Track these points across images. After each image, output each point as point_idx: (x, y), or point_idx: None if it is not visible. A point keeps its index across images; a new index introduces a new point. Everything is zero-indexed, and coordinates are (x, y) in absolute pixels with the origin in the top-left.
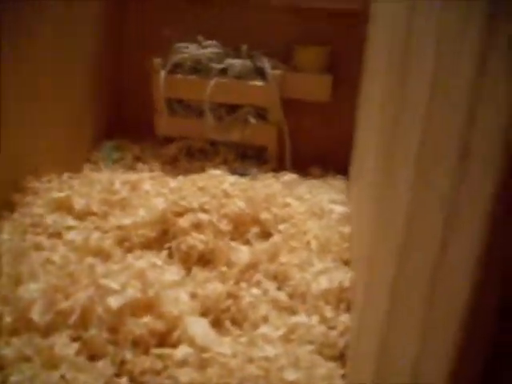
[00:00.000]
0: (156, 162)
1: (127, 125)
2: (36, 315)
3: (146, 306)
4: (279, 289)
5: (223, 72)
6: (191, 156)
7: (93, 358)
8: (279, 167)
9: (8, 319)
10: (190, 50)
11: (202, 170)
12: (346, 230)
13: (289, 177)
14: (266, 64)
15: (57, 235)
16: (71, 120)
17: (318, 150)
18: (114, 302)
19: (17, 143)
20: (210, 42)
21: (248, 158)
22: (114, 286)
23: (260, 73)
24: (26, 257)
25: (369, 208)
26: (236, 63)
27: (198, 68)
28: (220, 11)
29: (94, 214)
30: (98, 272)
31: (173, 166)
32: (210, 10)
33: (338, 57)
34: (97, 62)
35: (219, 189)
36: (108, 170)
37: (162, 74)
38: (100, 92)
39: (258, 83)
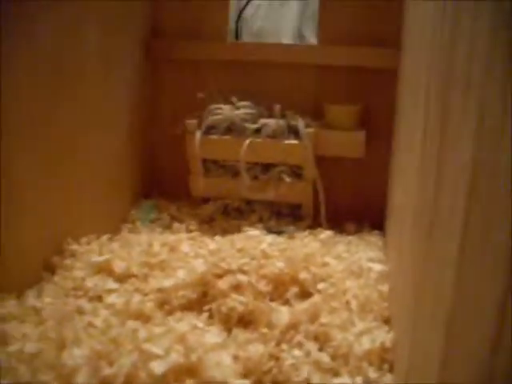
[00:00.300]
0: (193, 220)
1: (163, 185)
2: (81, 382)
3: (189, 371)
4: (321, 350)
5: (257, 132)
6: (227, 215)
7: None
8: (314, 224)
9: None
10: (224, 111)
11: (239, 228)
12: (385, 288)
13: (326, 234)
14: (300, 123)
15: (97, 298)
16: (108, 180)
17: (352, 205)
18: (157, 367)
19: (54, 204)
20: (243, 103)
21: (283, 216)
22: (157, 350)
23: (293, 131)
24: (70, 321)
25: (409, 268)
26: (270, 123)
27: (233, 128)
28: (249, 71)
29: (134, 276)
30: (141, 336)
31: (210, 225)
32: (241, 71)
33: (369, 112)
34: (132, 123)
35: (258, 249)
36: (145, 229)
37: (198, 135)
38: (136, 152)
39: (292, 142)
